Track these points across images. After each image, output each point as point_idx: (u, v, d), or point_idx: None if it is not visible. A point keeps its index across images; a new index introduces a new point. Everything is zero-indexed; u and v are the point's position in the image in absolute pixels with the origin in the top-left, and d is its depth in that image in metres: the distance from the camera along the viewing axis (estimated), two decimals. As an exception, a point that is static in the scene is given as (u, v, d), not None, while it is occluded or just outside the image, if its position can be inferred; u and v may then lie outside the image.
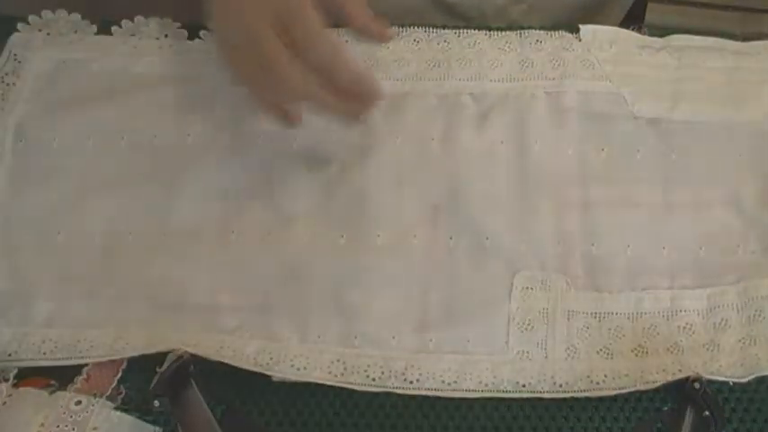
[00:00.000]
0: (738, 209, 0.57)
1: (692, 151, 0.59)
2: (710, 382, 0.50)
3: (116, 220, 0.58)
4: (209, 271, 0.56)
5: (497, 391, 0.52)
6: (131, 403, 0.52)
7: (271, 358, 0.53)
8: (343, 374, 0.52)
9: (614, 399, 0.52)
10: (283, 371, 0.52)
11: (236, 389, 0.53)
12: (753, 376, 0.51)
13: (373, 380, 0.52)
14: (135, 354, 0.53)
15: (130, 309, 0.55)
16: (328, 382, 0.52)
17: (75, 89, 0.63)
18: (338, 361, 0.53)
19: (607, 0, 0.76)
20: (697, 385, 0.50)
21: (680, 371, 0.51)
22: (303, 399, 0.53)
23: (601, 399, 0.52)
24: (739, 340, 0.53)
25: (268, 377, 0.53)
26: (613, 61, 0.62)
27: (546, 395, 0.52)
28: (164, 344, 0.52)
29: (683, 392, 0.50)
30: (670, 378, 0.51)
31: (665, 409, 0.52)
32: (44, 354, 0.53)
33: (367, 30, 0.54)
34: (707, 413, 0.49)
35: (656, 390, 0.52)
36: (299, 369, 0.52)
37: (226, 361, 0.52)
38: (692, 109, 0.60)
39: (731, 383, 0.52)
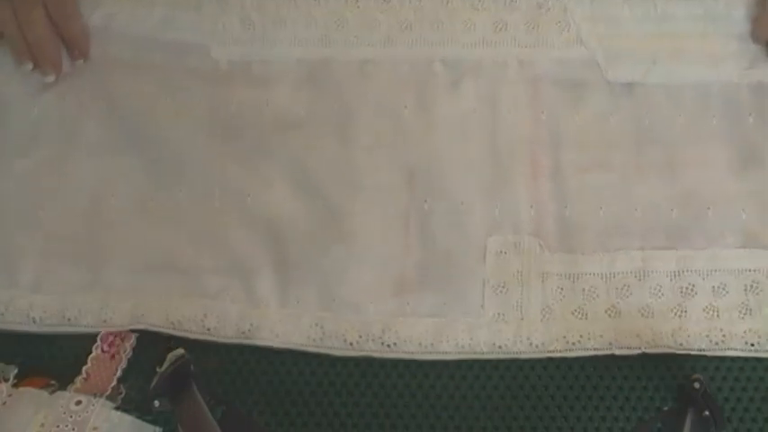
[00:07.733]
0: (711, 171, 0.57)
1: (666, 114, 0.59)
2: (711, 379, 0.51)
3: (99, 184, 0.58)
4: (191, 234, 0.57)
5: (474, 353, 0.53)
6: (131, 403, 0.52)
7: (251, 324, 0.54)
8: (321, 339, 0.53)
9: (614, 398, 0.52)
10: (264, 338, 0.53)
11: (236, 389, 0.53)
12: (718, 353, 0.52)
13: (351, 344, 0.53)
14: (123, 327, 0.54)
15: (115, 272, 0.56)
16: (308, 349, 0.53)
17: None
18: (316, 325, 0.54)
19: None
20: (697, 385, 0.50)
21: (653, 340, 0.52)
22: (303, 399, 0.53)
23: (601, 398, 0.52)
24: (704, 309, 0.54)
25: (268, 377, 0.53)
26: (591, 18, 0.60)
27: (522, 356, 0.53)
28: (149, 315, 0.54)
29: (683, 392, 0.50)
30: (644, 347, 0.52)
31: (665, 408, 0.52)
32: (33, 319, 0.54)
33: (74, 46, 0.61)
34: (707, 413, 0.49)
35: (656, 389, 0.52)
36: (278, 335, 0.53)
37: (210, 337, 0.53)
38: (667, 71, 0.59)
39: (731, 385, 0.52)
